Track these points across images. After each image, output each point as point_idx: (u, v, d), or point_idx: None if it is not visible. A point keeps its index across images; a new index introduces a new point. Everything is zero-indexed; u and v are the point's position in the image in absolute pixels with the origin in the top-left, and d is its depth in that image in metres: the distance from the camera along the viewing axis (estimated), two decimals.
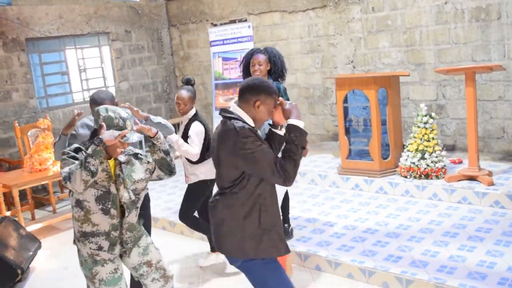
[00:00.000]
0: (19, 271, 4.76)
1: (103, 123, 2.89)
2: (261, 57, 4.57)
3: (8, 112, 7.57)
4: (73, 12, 8.37)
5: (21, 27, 7.68)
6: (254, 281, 2.85)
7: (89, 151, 2.79)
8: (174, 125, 4.53)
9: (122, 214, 3.07)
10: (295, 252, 4.66)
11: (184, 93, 4.40)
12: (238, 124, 2.66)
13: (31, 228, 5.71)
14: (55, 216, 6.52)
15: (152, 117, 4.01)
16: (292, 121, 2.72)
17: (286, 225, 4.91)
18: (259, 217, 2.73)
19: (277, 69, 4.60)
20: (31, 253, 5.13)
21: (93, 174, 2.78)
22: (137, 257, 3.22)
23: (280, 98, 2.83)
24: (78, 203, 2.98)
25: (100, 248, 3.03)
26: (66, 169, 2.80)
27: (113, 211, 3.00)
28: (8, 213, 5.75)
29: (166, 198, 6.68)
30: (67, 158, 2.86)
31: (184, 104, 4.41)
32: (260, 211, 2.73)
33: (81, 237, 3.03)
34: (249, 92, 2.76)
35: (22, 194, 6.59)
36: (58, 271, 5.15)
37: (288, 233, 4.91)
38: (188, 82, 4.55)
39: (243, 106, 2.77)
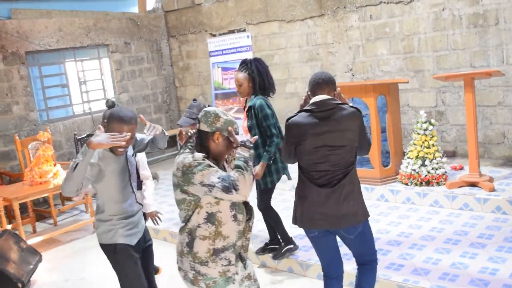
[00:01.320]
0: (19, 285, 4.75)
1: (231, 128, 2.77)
2: (241, 76, 4.39)
3: (8, 125, 7.58)
4: (73, 24, 8.42)
5: (20, 41, 7.71)
6: (365, 240, 3.39)
7: (247, 154, 2.71)
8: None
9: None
10: (296, 261, 4.64)
11: None
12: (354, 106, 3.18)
13: (32, 241, 5.70)
14: (56, 228, 6.52)
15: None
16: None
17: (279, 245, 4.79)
18: (358, 181, 3.26)
19: (257, 86, 4.38)
20: (31, 266, 5.12)
21: (254, 176, 2.79)
22: (240, 271, 2.92)
23: (338, 88, 3.29)
24: (210, 217, 2.72)
25: (229, 262, 2.80)
26: (216, 179, 2.60)
27: (240, 216, 2.82)
28: (9, 226, 5.74)
29: (167, 208, 6.67)
30: (208, 167, 2.64)
31: None
32: (357, 176, 3.28)
33: (212, 256, 2.75)
34: (326, 84, 3.20)
35: (24, 207, 6.59)
36: (59, 284, 5.13)
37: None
38: (113, 105, 4.13)
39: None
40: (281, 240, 4.75)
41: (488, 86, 6.43)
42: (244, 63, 4.43)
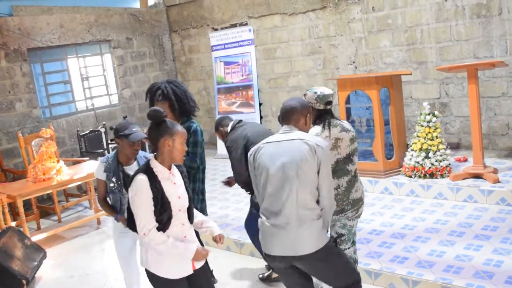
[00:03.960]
0: (24, 281, 4.76)
1: None
2: (161, 106, 3.70)
3: (12, 122, 7.59)
4: (74, 21, 8.40)
5: (22, 38, 7.71)
6: None
7: None
8: None
9: None
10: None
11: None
12: None
13: (36, 237, 5.71)
14: (60, 225, 6.53)
15: None
16: None
17: None
18: None
19: (178, 110, 3.91)
20: (36, 263, 5.13)
21: None
22: None
23: None
24: None
25: None
26: None
27: None
28: (13, 223, 5.75)
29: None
30: None
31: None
32: None
33: None
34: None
35: (28, 204, 6.60)
36: (64, 280, 5.14)
37: None
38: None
39: None
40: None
41: (492, 77, 6.38)
42: (159, 90, 3.91)
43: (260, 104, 8.52)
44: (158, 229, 2.79)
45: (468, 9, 6.39)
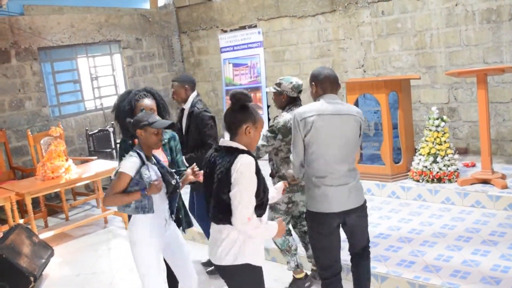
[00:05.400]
0: (32, 278, 4.79)
1: None
2: (150, 103, 3.66)
3: (21, 120, 7.65)
4: (85, 21, 8.45)
5: (33, 37, 7.76)
6: None
7: None
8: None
9: None
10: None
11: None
12: None
13: (44, 235, 5.75)
14: (67, 223, 6.57)
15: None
16: None
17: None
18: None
19: (164, 113, 3.83)
20: (43, 260, 5.17)
21: None
22: None
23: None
24: None
25: None
26: None
27: None
28: (21, 221, 5.79)
29: None
30: None
31: None
32: None
33: None
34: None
35: (36, 202, 6.65)
36: (71, 278, 5.17)
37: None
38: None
39: None
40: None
41: (501, 82, 6.36)
42: (139, 92, 3.73)
43: (268, 106, 8.53)
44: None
45: (478, 14, 6.38)
